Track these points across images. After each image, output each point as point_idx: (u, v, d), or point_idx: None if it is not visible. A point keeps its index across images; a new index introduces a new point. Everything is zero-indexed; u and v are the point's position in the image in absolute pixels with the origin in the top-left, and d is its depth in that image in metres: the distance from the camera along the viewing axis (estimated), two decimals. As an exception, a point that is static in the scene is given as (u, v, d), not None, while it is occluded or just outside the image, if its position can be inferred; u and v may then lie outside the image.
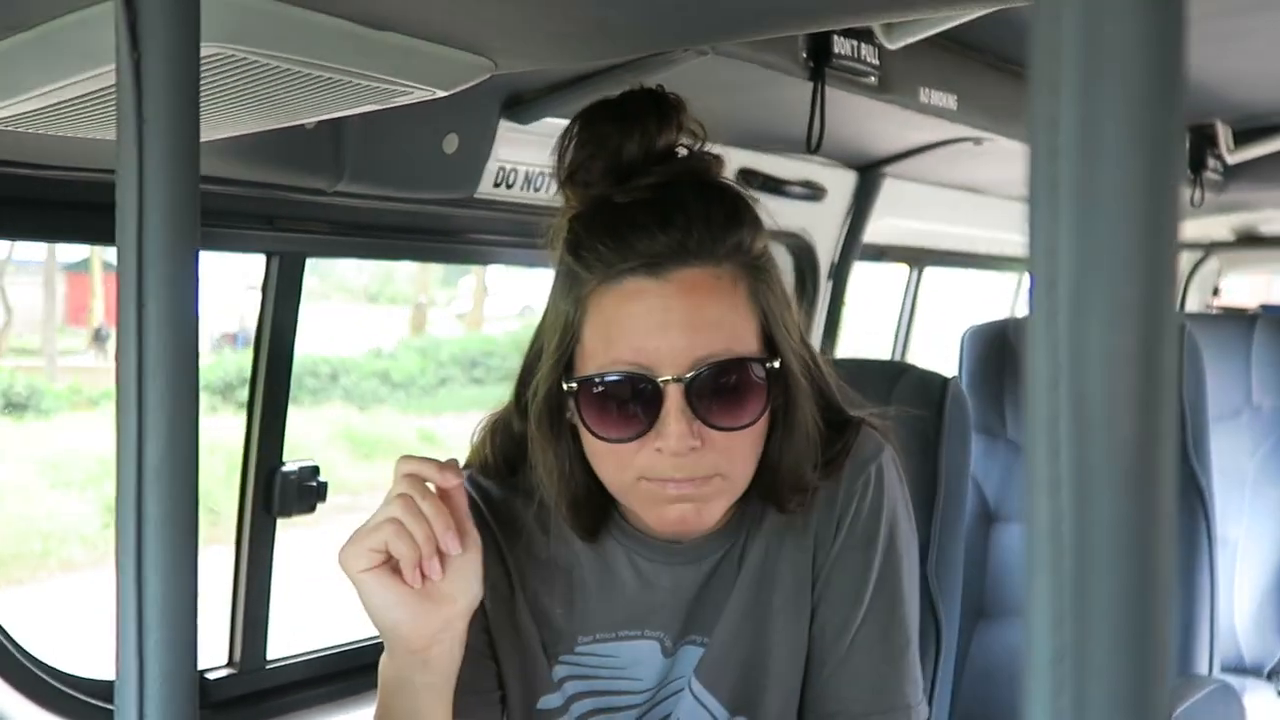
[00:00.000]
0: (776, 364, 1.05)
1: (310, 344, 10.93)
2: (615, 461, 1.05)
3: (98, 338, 11.71)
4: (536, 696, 1.14)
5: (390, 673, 1.03)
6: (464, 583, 1.02)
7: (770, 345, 1.06)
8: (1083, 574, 0.35)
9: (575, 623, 1.15)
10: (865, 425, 1.14)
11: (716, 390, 1.01)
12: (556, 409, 1.08)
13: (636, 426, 1.02)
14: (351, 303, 13.82)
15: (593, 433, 1.04)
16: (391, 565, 0.99)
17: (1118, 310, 0.34)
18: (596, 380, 1.03)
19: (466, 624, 1.03)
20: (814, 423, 1.09)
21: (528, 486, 1.14)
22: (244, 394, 1.85)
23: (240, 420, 1.81)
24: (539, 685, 1.14)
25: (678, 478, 1.02)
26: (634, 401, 1.02)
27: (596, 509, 1.12)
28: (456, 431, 1.20)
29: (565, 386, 1.05)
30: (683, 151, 1.09)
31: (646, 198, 1.03)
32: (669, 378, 1.00)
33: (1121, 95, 0.34)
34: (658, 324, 1.00)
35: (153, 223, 0.64)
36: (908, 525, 1.15)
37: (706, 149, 1.10)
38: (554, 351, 1.06)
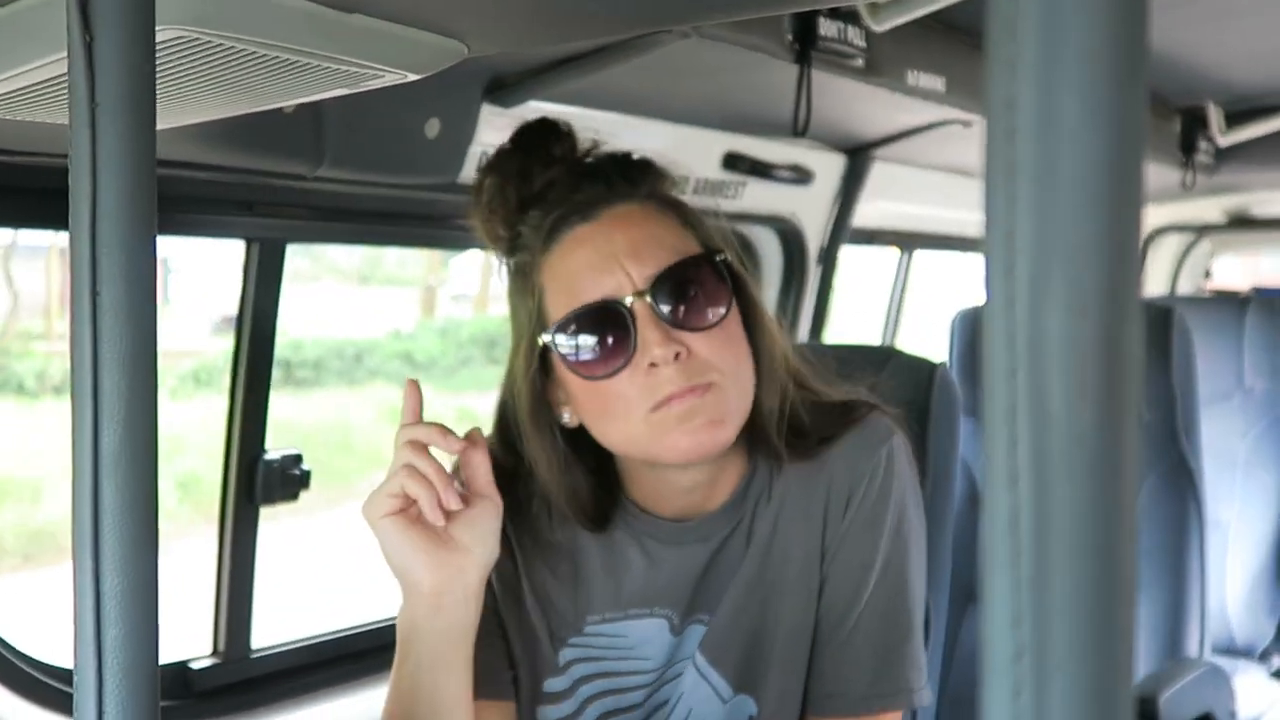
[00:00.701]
0: (728, 257, 1.10)
1: (332, 327, 11.09)
2: (622, 408, 1.06)
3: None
4: (541, 679, 1.16)
5: (405, 620, 1.07)
6: (479, 535, 1.06)
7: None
8: (1042, 569, 0.34)
9: (582, 603, 1.16)
10: (878, 410, 1.15)
11: (679, 293, 1.06)
12: (540, 394, 1.10)
13: (619, 355, 1.05)
14: (343, 284, 13.83)
15: (582, 376, 1.06)
16: (410, 515, 1.04)
17: (1078, 297, 0.33)
18: (567, 322, 1.06)
19: (480, 579, 1.07)
20: (784, 356, 1.13)
21: (530, 473, 1.16)
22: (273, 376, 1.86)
23: (274, 402, 1.82)
24: (543, 668, 1.16)
25: (677, 389, 1.03)
26: (608, 330, 1.05)
27: (599, 499, 1.14)
28: (488, 409, 1.27)
29: (540, 343, 1.08)
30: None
31: (559, 176, 1.11)
32: (631, 297, 1.04)
33: (1081, 73, 0.33)
34: (604, 257, 1.06)
35: (107, 209, 0.62)
36: (916, 513, 1.15)
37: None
38: (527, 345, 1.10)
